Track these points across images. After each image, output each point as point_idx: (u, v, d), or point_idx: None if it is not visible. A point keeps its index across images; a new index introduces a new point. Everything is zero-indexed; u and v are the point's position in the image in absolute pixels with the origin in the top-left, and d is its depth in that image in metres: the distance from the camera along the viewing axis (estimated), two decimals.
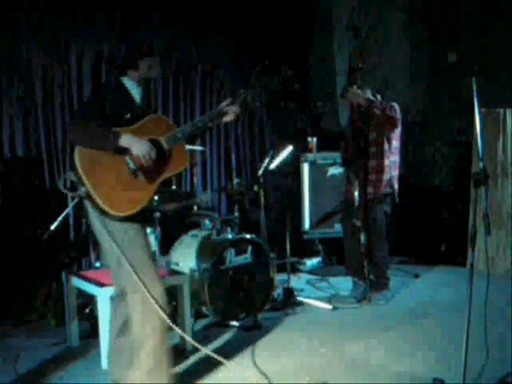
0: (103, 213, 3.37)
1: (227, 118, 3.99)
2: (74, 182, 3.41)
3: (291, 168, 7.31)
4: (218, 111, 3.95)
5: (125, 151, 3.41)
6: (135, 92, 3.67)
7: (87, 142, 3.33)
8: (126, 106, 3.58)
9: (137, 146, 3.40)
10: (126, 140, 3.37)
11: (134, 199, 3.46)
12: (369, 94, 5.77)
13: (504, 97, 6.98)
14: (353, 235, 5.83)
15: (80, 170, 3.31)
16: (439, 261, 7.50)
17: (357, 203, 5.68)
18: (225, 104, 3.97)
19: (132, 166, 3.45)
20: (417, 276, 6.91)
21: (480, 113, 3.55)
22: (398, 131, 5.77)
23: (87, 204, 3.44)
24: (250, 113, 4.23)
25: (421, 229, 7.78)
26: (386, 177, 5.75)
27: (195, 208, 5.87)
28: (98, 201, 3.33)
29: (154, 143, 3.54)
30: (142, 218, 3.56)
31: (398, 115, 5.66)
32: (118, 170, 3.43)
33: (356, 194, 5.69)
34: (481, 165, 3.50)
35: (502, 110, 6.92)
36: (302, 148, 7.37)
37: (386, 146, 5.71)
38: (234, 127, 7.71)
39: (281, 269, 6.36)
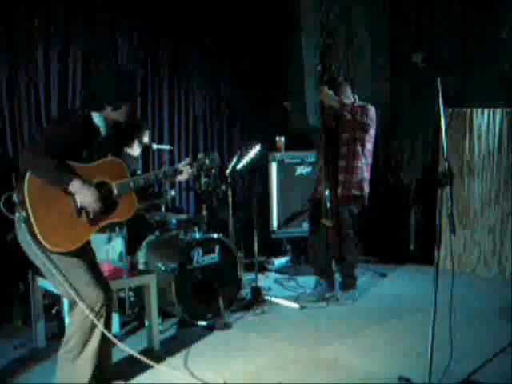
0: (38, 243, 3.36)
1: (182, 177, 4.04)
2: (14, 202, 3.40)
3: (259, 167, 7.31)
4: (175, 170, 4.00)
5: None
6: (103, 130, 3.65)
7: (41, 175, 3.32)
8: (88, 144, 3.58)
9: (82, 195, 3.41)
10: (75, 186, 3.38)
11: (72, 237, 3.47)
12: (348, 92, 5.77)
13: (472, 96, 7.06)
14: (320, 234, 5.84)
15: (26, 196, 3.30)
16: (407, 260, 7.56)
17: (327, 203, 5.67)
18: (182, 164, 4.04)
19: (78, 204, 3.46)
20: (384, 275, 6.97)
21: (444, 113, 3.61)
22: (372, 133, 5.76)
23: (22, 226, 3.40)
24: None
25: (389, 228, 7.82)
26: (355, 178, 5.72)
27: (163, 207, 5.84)
28: (37, 232, 3.33)
29: (105, 186, 3.58)
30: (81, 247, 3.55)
31: (371, 120, 5.64)
32: (63, 206, 3.43)
33: (327, 193, 5.67)
34: (446, 165, 3.55)
35: (468, 110, 7.01)
36: (269, 147, 7.37)
37: (359, 148, 5.69)
38: (202, 126, 7.71)
39: (249, 268, 6.42)
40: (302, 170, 7.35)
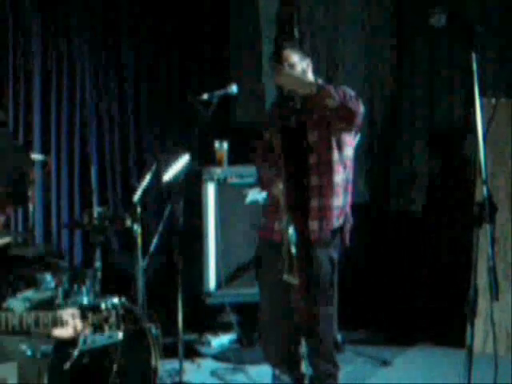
0: None
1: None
2: None
3: (188, 190, 7.30)
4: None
5: None
6: None
7: None
8: None
9: None
10: None
11: None
12: (303, 66, 5.69)
13: None
14: (276, 299, 5.75)
15: None
16: (422, 338, 7.58)
17: (291, 247, 5.58)
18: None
19: None
20: (385, 363, 6.99)
21: (482, 106, 3.62)
22: (353, 133, 5.72)
23: None
24: None
25: (389, 287, 7.86)
26: (337, 202, 5.62)
27: (30, 253, 5.78)
28: None
29: None
30: None
31: (362, 108, 5.59)
32: None
33: (290, 231, 5.58)
34: (484, 190, 3.54)
35: None
36: (204, 158, 7.36)
37: (336, 155, 5.62)
38: (95, 124, 7.68)
39: (170, 351, 6.38)
40: (256, 194, 7.30)
